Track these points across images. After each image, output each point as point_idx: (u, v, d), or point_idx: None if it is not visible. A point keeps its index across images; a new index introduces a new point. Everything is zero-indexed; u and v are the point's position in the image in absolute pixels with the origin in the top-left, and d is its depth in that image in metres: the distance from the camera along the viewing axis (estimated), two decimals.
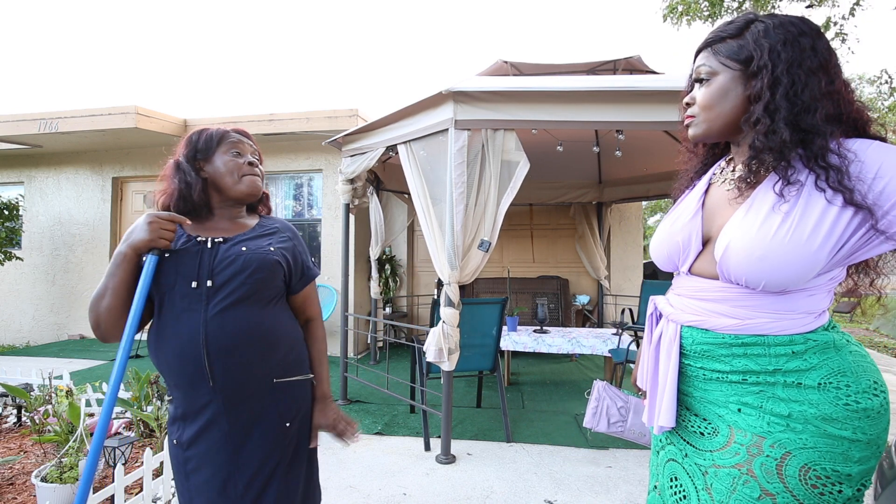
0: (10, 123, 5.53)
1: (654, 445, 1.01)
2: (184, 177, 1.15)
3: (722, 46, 0.86)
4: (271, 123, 5.41)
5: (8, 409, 3.10)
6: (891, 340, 7.25)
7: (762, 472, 0.76)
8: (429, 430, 2.88)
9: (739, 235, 0.79)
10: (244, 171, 1.19)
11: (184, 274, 1.07)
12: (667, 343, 0.92)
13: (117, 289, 1.03)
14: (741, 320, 0.81)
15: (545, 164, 4.91)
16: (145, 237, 1.03)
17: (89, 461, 0.99)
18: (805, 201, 0.76)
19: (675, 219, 0.96)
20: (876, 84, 9.60)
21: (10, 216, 5.80)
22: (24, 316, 6.47)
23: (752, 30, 0.83)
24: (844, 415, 0.75)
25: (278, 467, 1.13)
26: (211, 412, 1.07)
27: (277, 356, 1.14)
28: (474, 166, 2.75)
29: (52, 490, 1.98)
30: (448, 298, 2.73)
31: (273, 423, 1.12)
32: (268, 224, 1.24)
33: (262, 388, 1.11)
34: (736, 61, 0.84)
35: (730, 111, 0.85)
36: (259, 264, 1.11)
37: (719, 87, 0.85)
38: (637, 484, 2.38)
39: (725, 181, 0.91)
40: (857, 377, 0.77)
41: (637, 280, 6.06)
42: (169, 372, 1.08)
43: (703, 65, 0.88)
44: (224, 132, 1.21)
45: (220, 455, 1.08)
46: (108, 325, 1.04)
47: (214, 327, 1.05)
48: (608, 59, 4.24)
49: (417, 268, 6.63)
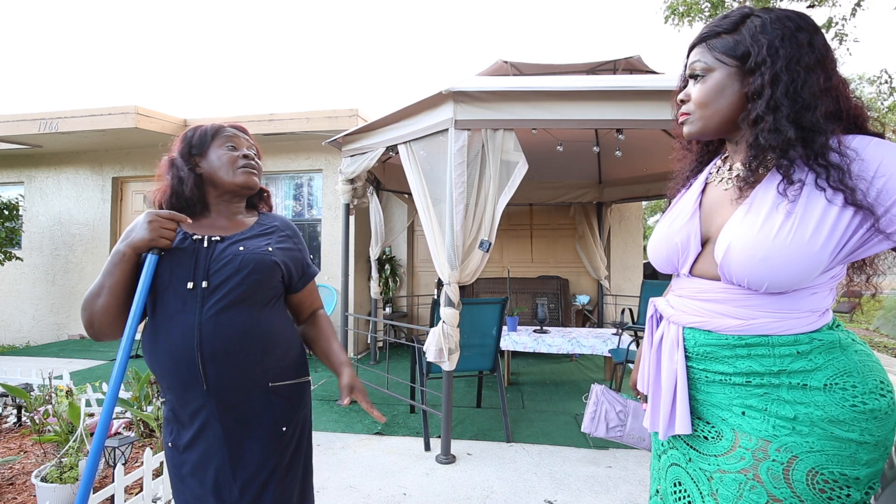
0: (10, 123, 5.53)
1: (656, 449, 0.99)
2: (176, 172, 1.14)
3: (717, 42, 0.83)
4: (271, 123, 5.41)
5: (8, 409, 3.10)
6: (891, 340, 7.25)
7: (769, 477, 0.75)
8: (429, 430, 2.88)
9: (740, 236, 0.78)
10: (239, 164, 1.16)
11: (179, 274, 1.05)
12: (668, 345, 0.90)
13: (114, 288, 1.01)
14: (745, 321, 0.80)
15: (545, 164, 4.91)
16: (146, 236, 1.01)
17: (90, 461, 0.98)
18: (806, 201, 0.74)
19: (673, 220, 0.94)
20: (876, 84, 9.59)
21: (10, 216, 5.80)
22: (24, 316, 6.47)
23: (748, 25, 0.81)
24: (851, 416, 0.73)
25: (274, 473, 1.10)
26: (205, 415, 1.05)
27: (273, 359, 1.11)
28: (474, 166, 2.75)
29: (52, 490, 1.98)
30: (448, 298, 2.73)
31: (268, 427, 1.10)
32: (267, 222, 1.21)
33: (257, 392, 1.09)
34: (732, 57, 0.81)
35: (726, 108, 0.84)
36: (256, 265, 1.08)
37: (715, 84, 0.83)
38: (637, 484, 2.38)
39: (723, 180, 0.89)
40: (864, 377, 0.75)
41: (637, 280, 6.06)
42: (162, 374, 1.06)
43: (697, 61, 0.86)
44: (219, 126, 1.19)
45: (215, 459, 1.06)
46: (102, 323, 1.02)
47: (209, 329, 1.02)
48: (608, 59, 4.23)
49: (417, 268, 6.63)
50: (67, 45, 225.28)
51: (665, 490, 0.92)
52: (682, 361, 0.87)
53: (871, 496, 0.75)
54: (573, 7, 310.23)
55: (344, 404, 1.12)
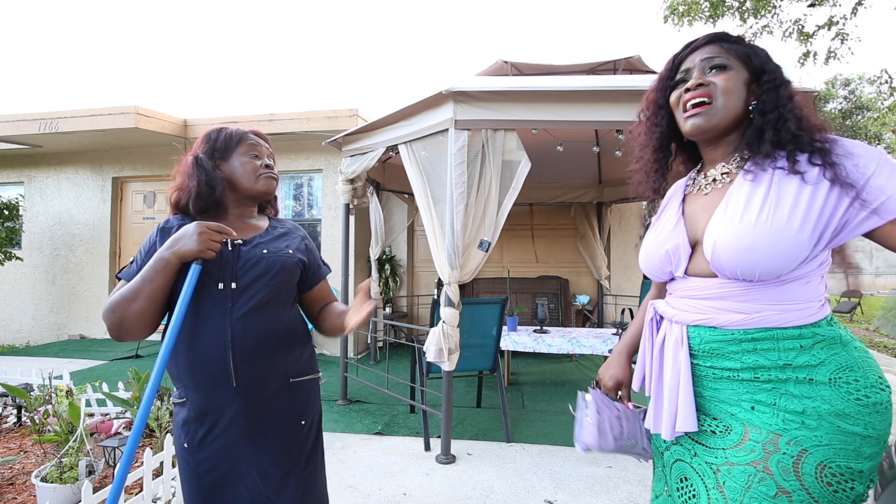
0: (10, 123, 5.53)
1: (657, 447, 1.00)
2: (205, 174, 1.14)
3: (735, 47, 0.90)
4: (271, 123, 5.41)
5: (8, 409, 3.10)
6: (891, 340, 7.25)
7: (779, 470, 0.76)
8: (429, 430, 2.88)
9: (724, 231, 0.82)
10: (261, 173, 1.21)
11: (210, 276, 1.08)
12: (672, 345, 0.91)
13: (153, 294, 1.02)
14: (748, 314, 0.82)
15: (545, 164, 4.90)
16: (194, 248, 1.02)
17: (123, 462, 0.98)
18: (778, 188, 0.80)
19: (658, 232, 0.98)
20: (876, 84, 9.59)
21: (10, 216, 5.80)
22: (24, 316, 6.47)
23: (754, 48, 0.91)
24: (856, 410, 0.76)
25: (295, 464, 1.15)
26: (232, 412, 1.09)
27: (294, 356, 1.17)
28: (474, 166, 2.75)
29: (52, 490, 1.98)
30: (448, 298, 2.73)
31: (289, 421, 1.15)
32: (279, 225, 1.27)
33: (280, 387, 1.14)
34: (749, 65, 0.89)
35: (740, 106, 0.88)
36: (281, 267, 1.15)
37: (737, 80, 0.88)
38: (637, 484, 2.38)
39: (701, 188, 0.94)
40: (865, 372, 0.78)
41: (637, 280, 6.06)
42: (191, 373, 1.07)
43: (717, 55, 0.90)
44: (243, 133, 1.22)
45: (238, 453, 1.10)
46: (133, 326, 1.03)
47: (240, 329, 1.07)
48: (608, 60, 4.23)
49: (417, 268, 6.63)
50: (67, 45, 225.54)
51: (671, 486, 0.93)
52: (687, 359, 0.89)
53: (870, 490, 0.77)
54: (573, 7, 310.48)
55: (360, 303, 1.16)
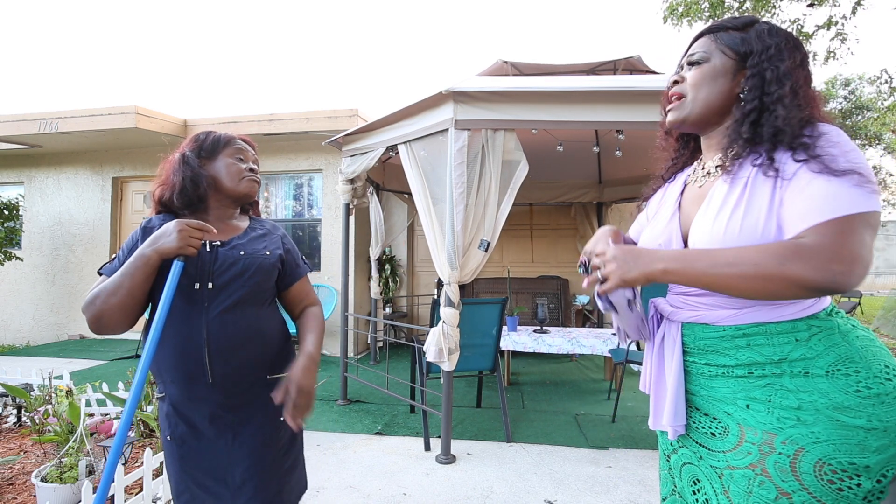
0: (10, 123, 5.53)
1: (664, 449, 0.99)
2: (190, 171, 1.18)
3: (724, 35, 0.89)
4: (271, 123, 5.41)
5: (8, 409, 3.10)
6: (891, 340, 7.25)
7: (776, 471, 0.74)
8: (429, 430, 2.88)
9: (701, 230, 0.83)
10: (244, 175, 1.24)
11: (187, 276, 1.11)
12: (669, 343, 0.91)
13: (133, 289, 1.05)
14: (738, 310, 0.81)
15: (545, 164, 4.90)
16: (174, 245, 1.04)
17: (110, 461, 0.98)
18: (752, 188, 0.79)
19: (655, 224, 0.98)
20: (876, 84, 9.60)
21: (10, 216, 5.80)
22: (24, 316, 6.47)
23: (756, 28, 0.87)
24: (857, 402, 0.72)
25: (274, 460, 1.18)
26: (208, 407, 1.12)
27: (271, 354, 1.20)
28: (474, 166, 2.75)
29: (52, 490, 1.98)
30: (448, 298, 2.73)
31: (266, 417, 1.18)
32: (258, 227, 1.29)
33: (257, 385, 1.17)
34: (734, 51, 0.87)
35: (714, 96, 0.88)
36: (257, 268, 1.18)
37: (711, 69, 0.88)
38: (637, 484, 2.38)
39: (697, 179, 0.94)
40: (868, 362, 0.75)
41: None
42: (167, 368, 1.11)
43: (699, 49, 0.91)
44: (231, 137, 1.27)
45: (217, 448, 1.14)
46: (112, 320, 1.05)
47: (216, 328, 1.10)
48: (608, 60, 4.23)
49: (417, 268, 6.63)
50: (67, 45, 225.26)
51: (684, 489, 0.92)
52: (679, 356, 0.89)
53: (887, 484, 0.72)
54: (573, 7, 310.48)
55: (277, 400, 1.08)
